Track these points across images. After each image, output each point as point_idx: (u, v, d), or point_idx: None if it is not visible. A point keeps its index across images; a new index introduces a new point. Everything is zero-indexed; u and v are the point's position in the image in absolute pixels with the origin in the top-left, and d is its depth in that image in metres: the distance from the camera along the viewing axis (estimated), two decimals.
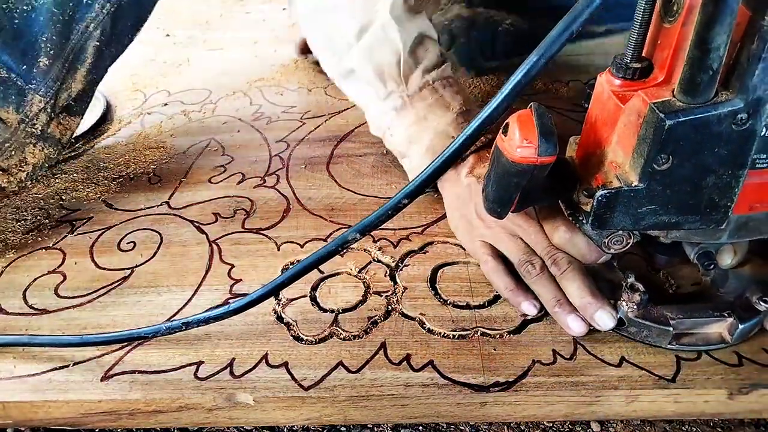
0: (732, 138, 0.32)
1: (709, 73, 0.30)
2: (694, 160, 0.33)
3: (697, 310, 0.43)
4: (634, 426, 0.47)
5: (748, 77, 0.30)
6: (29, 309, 0.49)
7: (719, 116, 0.31)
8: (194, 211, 0.60)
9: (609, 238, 0.39)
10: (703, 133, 0.32)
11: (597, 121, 0.38)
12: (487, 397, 0.41)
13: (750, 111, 0.31)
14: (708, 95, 0.31)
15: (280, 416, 0.42)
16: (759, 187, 0.35)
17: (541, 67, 0.31)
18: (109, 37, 0.60)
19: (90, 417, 0.42)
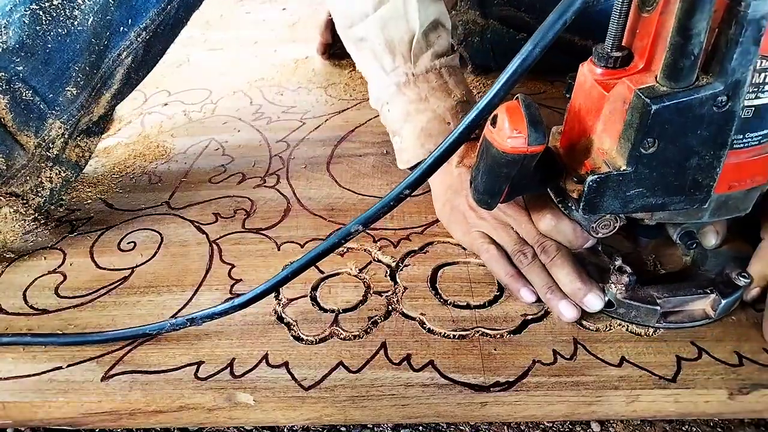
0: (713, 120, 0.33)
1: (691, 59, 0.31)
2: (679, 142, 0.34)
3: (681, 288, 0.44)
4: (634, 426, 0.47)
5: (727, 61, 0.31)
6: (29, 309, 0.49)
7: (701, 99, 0.32)
8: (194, 211, 0.60)
9: (597, 222, 0.41)
10: (687, 115, 0.33)
11: (581, 110, 0.39)
12: (487, 397, 0.41)
13: (729, 93, 0.32)
14: (690, 80, 0.32)
15: (280, 416, 0.42)
16: (737, 167, 0.37)
17: (536, 56, 0.31)
18: (140, 63, 0.59)
19: (90, 417, 0.42)
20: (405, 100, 0.56)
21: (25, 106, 0.51)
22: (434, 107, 0.55)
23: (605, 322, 0.45)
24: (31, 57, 0.50)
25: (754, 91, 0.34)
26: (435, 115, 0.55)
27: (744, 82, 0.32)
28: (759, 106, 0.34)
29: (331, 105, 0.80)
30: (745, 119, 0.34)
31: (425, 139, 0.55)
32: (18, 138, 0.51)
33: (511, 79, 0.32)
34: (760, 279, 0.45)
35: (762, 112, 0.35)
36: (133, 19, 0.56)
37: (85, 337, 0.44)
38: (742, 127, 0.35)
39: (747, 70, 0.32)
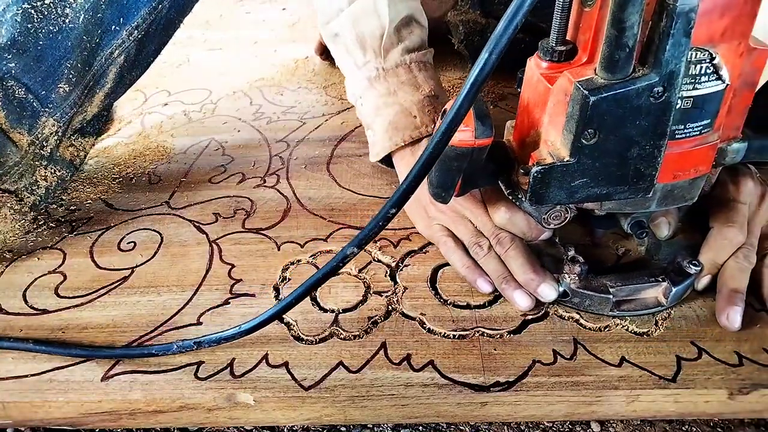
0: (651, 110, 0.34)
1: (626, 51, 0.32)
2: (619, 132, 0.35)
3: (634, 277, 0.45)
4: (634, 426, 0.47)
5: (661, 53, 0.32)
6: (29, 309, 0.49)
7: (638, 90, 0.33)
8: (194, 211, 0.60)
9: (548, 214, 0.42)
10: (624, 106, 0.33)
11: (529, 104, 0.40)
12: (487, 397, 0.41)
13: (665, 84, 0.33)
14: (626, 71, 0.33)
15: (280, 416, 0.42)
16: (680, 157, 0.38)
17: (493, 63, 0.32)
18: (132, 63, 0.59)
19: (90, 417, 0.42)
20: (375, 94, 0.57)
21: (17, 103, 0.51)
22: (402, 101, 0.56)
23: (605, 322, 0.45)
24: (23, 54, 0.50)
25: (691, 82, 0.34)
26: (402, 109, 0.56)
27: (678, 73, 0.33)
28: (697, 96, 0.35)
29: (331, 105, 0.80)
30: (684, 110, 0.35)
31: (393, 132, 0.56)
32: (11, 135, 0.51)
33: (473, 89, 0.33)
34: (711, 267, 0.46)
35: (700, 102, 0.35)
36: (125, 18, 0.56)
37: (90, 351, 0.44)
38: (683, 118, 0.36)
39: (680, 62, 0.32)
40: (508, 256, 0.47)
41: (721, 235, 0.46)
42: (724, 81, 0.35)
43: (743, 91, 0.38)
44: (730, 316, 0.43)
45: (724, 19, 0.33)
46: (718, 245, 0.46)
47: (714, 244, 0.46)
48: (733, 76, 0.35)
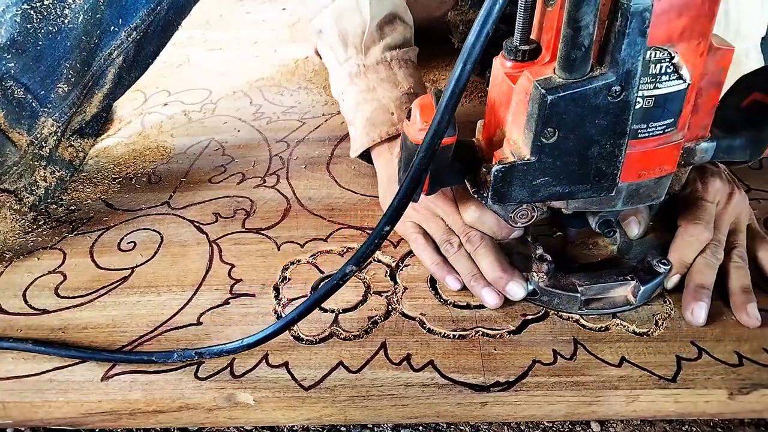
0: (609, 109, 0.34)
1: (582, 50, 0.32)
2: (578, 131, 0.35)
3: (603, 276, 0.46)
4: (634, 426, 0.47)
5: (617, 52, 0.32)
6: (29, 309, 0.49)
7: (595, 89, 0.33)
8: (194, 211, 0.60)
9: (514, 212, 0.42)
10: (583, 106, 0.34)
11: (495, 103, 0.40)
12: (487, 397, 0.41)
13: (622, 83, 0.33)
14: (584, 71, 0.33)
15: (280, 416, 0.42)
16: (644, 156, 0.38)
17: (468, 73, 0.32)
18: (131, 64, 0.60)
19: (90, 417, 0.42)
20: (356, 90, 0.58)
21: (16, 103, 0.51)
22: (380, 97, 0.56)
23: (605, 322, 0.45)
24: (22, 54, 0.50)
25: (652, 81, 0.34)
26: (380, 105, 0.56)
27: (635, 72, 0.33)
28: (658, 96, 0.35)
29: (331, 105, 0.80)
30: (646, 109, 0.35)
31: (370, 128, 0.56)
32: (10, 135, 0.51)
33: (451, 101, 0.33)
34: (679, 265, 0.46)
35: (662, 101, 0.35)
36: (124, 19, 0.57)
37: (89, 353, 0.44)
38: (645, 117, 0.36)
39: (637, 61, 0.32)
40: (477, 254, 0.47)
41: (688, 233, 0.46)
42: (686, 80, 0.35)
43: (709, 90, 0.38)
44: (695, 311, 0.44)
45: (682, 18, 0.33)
46: (685, 243, 0.46)
47: (681, 242, 0.46)
48: (695, 76, 0.35)
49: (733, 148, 0.42)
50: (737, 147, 0.42)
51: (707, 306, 0.44)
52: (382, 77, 0.57)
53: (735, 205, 0.49)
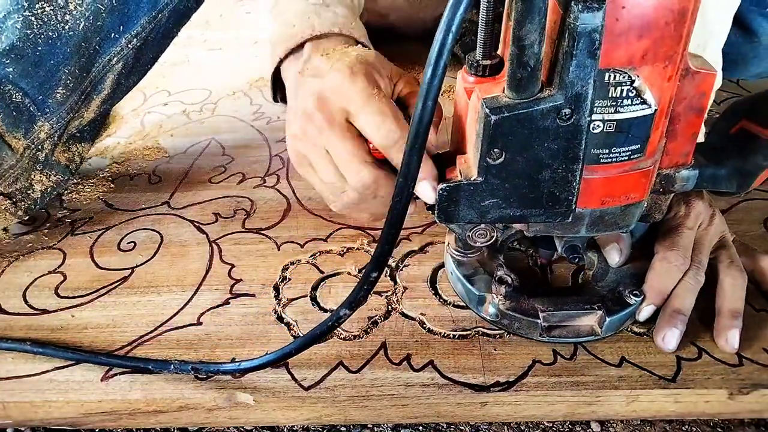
0: (560, 133, 0.33)
1: (527, 70, 0.30)
2: (526, 154, 0.34)
3: (568, 303, 0.44)
4: (634, 426, 0.47)
5: (565, 73, 0.30)
6: (29, 309, 0.49)
7: (542, 111, 0.32)
8: (194, 211, 0.60)
9: (472, 231, 0.41)
10: (530, 127, 0.32)
11: (456, 118, 0.39)
12: (487, 397, 0.41)
13: (572, 106, 0.31)
14: (532, 91, 0.31)
15: (280, 416, 0.42)
16: (607, 182, 0.36)
17: (431, 110, 0.31)
18: (130, 70, 0.60)
19: (90, 417, 0.42)
20: (270, 19, 0.54)
21: (14, 107, 0.51)
22: (284, 14, 0.52)
23: None
24: (21, 59, 0.50)
25: (612, 105, 0.33)
26: (284, 21, 0.51)
27: (585, 95, 0.31)
28: (621, 120, 0.33)
29: None
30: (608, 133, 0.34)
31: (272, 50, 0.52)
32: (6, 139, 0.51)
33: (417, 141, 0.32)
34: (656, 295, 0.44)
35: (626, 126, 0.34)
36: (125, 26, 0.56)
37: (87, 356, 0.44)
38: (607, 142, 0.34)
39: (587, 84, 0.31)
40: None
41: (666, 259, 0.44)
42: (651, 105, 0.33)
43: (688, 116, 0.36)
44: (667, 337, 0.42)
45: (643, 40, 0.31)
46: (663, 270, 0.44)
47: (659, 270, 0.44)
48: (663, 100, 0.33)
49: (718, 178, 0.40)
50: (723, 177, 0.40)
51: (680, 333, 0.42)
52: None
53: (717, 226, 0.47)
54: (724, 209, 0.58)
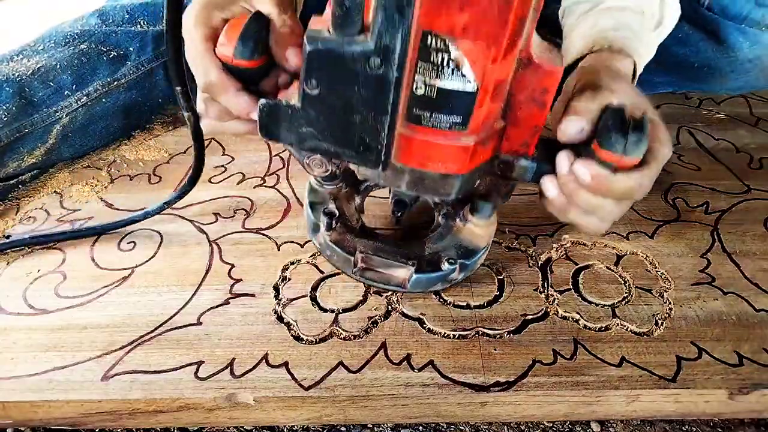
0: (369, 81, 0.33)
1: (343, 9, 0.31)
2: (338, 92, 0.34)
3: (388, 252, 0.47)
4: (634, 426, 0.47)
5: (376, 23, 0.31)
6: (29, 309, 0.49)
7: (353, 54, 0.32)
8: (194, 211, 0.60)
9: (309, 159, 0.44)
10: (341, 67, 0.33)
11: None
12: (487, 397, 0.41)
13: (381, 57, 0.32)
14: (349, 31, 0.32)
15: (281, 416, 0.42)
16: (426, 145, 0.36)
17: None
18: (80, 128, 0.68)
19: (90, 417, 0.42)
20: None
21: None
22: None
23: (605, 322, 0.45)
24: None
25: (434, 70, 0.33)
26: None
27: (394, 49, 0.31)
28: (442, 88, 0.34)
29: None
30: (429, 98, 0.34)
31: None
32: None
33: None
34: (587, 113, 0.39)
35: (446, 96, 0.34)
36: (77, 85, 0.66)
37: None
38: (428, 105, 0.34)
39: (395, 38, 0.31)
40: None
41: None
42: (470, 81, 0.33)
43: (530, 107, 0.37)
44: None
45: (464, 13, 0.31)
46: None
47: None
48: (486, 82, 0.33)
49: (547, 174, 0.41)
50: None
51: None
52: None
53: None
54: (725, 209, 0.58)
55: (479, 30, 0.31)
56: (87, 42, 0.69)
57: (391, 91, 0.33)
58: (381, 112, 0.34)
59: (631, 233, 0.55)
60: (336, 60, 0.33)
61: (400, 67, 0.32)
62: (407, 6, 0.30)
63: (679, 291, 0.48)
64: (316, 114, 0.36)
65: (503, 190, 0.44)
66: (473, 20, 0.31)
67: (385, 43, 0.31)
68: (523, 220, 0.57)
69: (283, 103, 0.37)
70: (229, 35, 0.40)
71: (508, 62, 0.34)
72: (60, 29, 0.69)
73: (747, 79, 0.73)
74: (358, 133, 0.36)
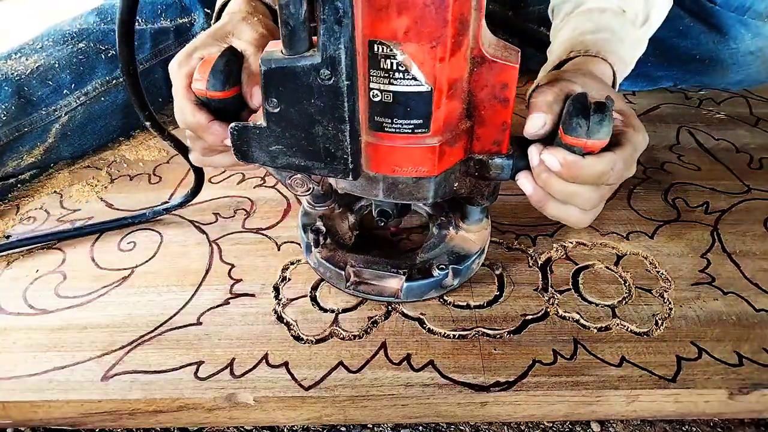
0: (323, 92, 0.34)
1: (288, 28, 0.32)
2: (298, 107, 0.36)
3: (378, 263, 0.47)
4: (634, 426, 0.47)
5: (320, 36, 0.32)
6: (29, 309, 0.49)
7: (304, 68, 0.34)
8: (194, 211, 0.60)
9: (291, 179, 0.46)
10: (295, 82, 0.34)
11: None
12: (487, 397, 0.41)
13: (330, 68, 0.33)
14: (297, 49, 0.33)
15: (281, 416, 0.42)
16: (392, 151, 0.38)
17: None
18: (79, 127, 0.68)
19: (90, 417, 0.42)
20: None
21: None
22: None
23: (605, 322, 0.45)
24: None
25: (386, 76, 0.34)
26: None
27: (339, 59, 0.32)
28: (396, 93, 0.35)
29: None
30: (386, 104, 0.35)
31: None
32: None
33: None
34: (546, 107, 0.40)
35: (402, 99, 0.35)
36: (77, 84, 0.66)
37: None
38: (387, 111, 0.36)
39: (338, 49, 0.32)
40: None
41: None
42: (421, 82, 0.34)
43: (493, 104, 0.37)
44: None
45: (403, 17, 0.32)
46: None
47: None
48: (439, 81, 0.34)
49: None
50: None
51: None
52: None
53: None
54: (725, 209, 0.58)
55: (421, 32, 0.33)
56: (85, 40, 0.69)
57: (345, 100, 0.34)
58: (339, 121, 0.35)
59: (631, 233, 0.55)
60: (289, 76, 0.34)
61: (348, 76, 0.33)
62: (344, 17, 0.31)
63: (679, 291, 0.48)
64: (281, 131, 0.37)
65: (485, 191, 0.45)
66: (413, 23, 0.32)
67: (330, 54, 0.32)
68: (523, 220, 0.57)
69: (250, 125, 0.38)
70: (202, 70, 0.42)
71: (458, 61, 0.35)
72: (58, 28, 0.69)
73: (748, 72, 0.73)
74: (323, 144, 0.37)
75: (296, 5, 0.32)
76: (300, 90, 0.35)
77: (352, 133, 0.36)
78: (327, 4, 0.31)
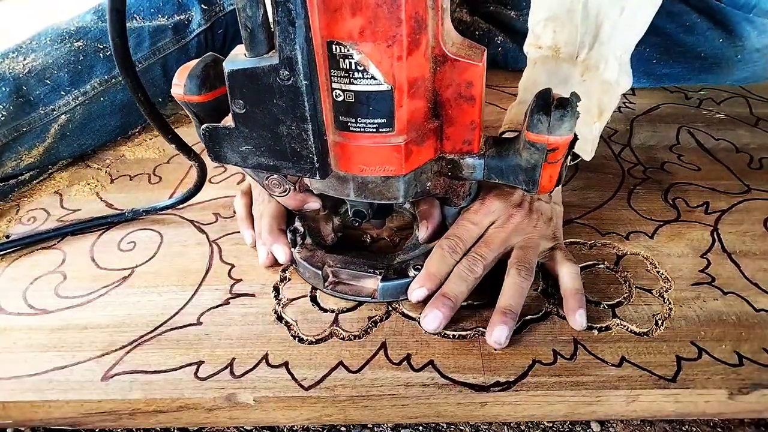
0: (284, 92, 0.35)
1: (247, 31, 0.34)
2: (261, 107, 0.36)
3: (355, 264, 0.48)
4: (634, 426, 0.47)
5: (276, 38, 0.33)
6: (29, 309, 0.49)
7: (264, 69, 0.34)
8: (194, 211, 0.60)
9: (268, 180, 0.47)
10: (257, 83, 0.35)
11: None
12: (487, 397, 0.41)
13: (288, 68, 0.34)
14: (258, 51, 0.34)
15: (281, 416, 0.42)
16: (359, 150, 0.38)
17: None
18: (78, 127, 0.68)
19: (90, 417, 0.42)
20: None
21: None
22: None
23: (605, 322, 0.45)
24: None
25: (345, 76, 0.35)
26: None
27: (296, 60, 0.33)
28: (357, 92, 0.35)
29: None
30: (349, 103, 0.36)
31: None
32: None
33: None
34: (424, 276, 0.46)
35: (364, 99, 0.35)
36: (75, 84, 0.66)
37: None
38: (351, 111, 0.36)
39: (294, 49, 0.33)
40: (257, 220, 0.54)
41: (440, 246, 0.47)
42: (381, 82, 0.34)
43: (460, 103, 0.38)
44: (427, 318, 0.44)
45: (357, 17, 0.32)
46: (436, 254, 0.47)
47: (432, 253, 0.47)
48: (398, 80, 0.34)
49: (504, 172, 0.41)
50: (508, 171, 0.41)
51: (444, 317, 0.44)
52: None
53: (516, 227, 0.48)
54: (725, 209, 0.58)
55: (376, 31, 0.33)
56: (83, 39, 0.68)
57: (305, 99, 0.35)
58: (301, 120, 0.36)
59: (631, 233, 0.55)
60: (251, 77, 0.35)
61: (306, 75, 0.34)
62: (297, 18, 0.32)
63: (679, 291, 0.48)
64: (249, 131, 0.38)
65: (460, 191, 0.45)
66: (367, 23, 0.33)
67: (287, 55, 0.33)
68: None
69: (221, 126, 0.39)
70: (180, 76, 0.43)
71: (417, 60, 0.35)
72: (56, 26, 0.69)
73: (754, 69, 0.74)
74: (289, 144, 0.38)
75: (253, 8, 0.32)
76: (262, 91, 0.35)
77: (316, 132, 0.36)
78: (280, 6, 0.31)
